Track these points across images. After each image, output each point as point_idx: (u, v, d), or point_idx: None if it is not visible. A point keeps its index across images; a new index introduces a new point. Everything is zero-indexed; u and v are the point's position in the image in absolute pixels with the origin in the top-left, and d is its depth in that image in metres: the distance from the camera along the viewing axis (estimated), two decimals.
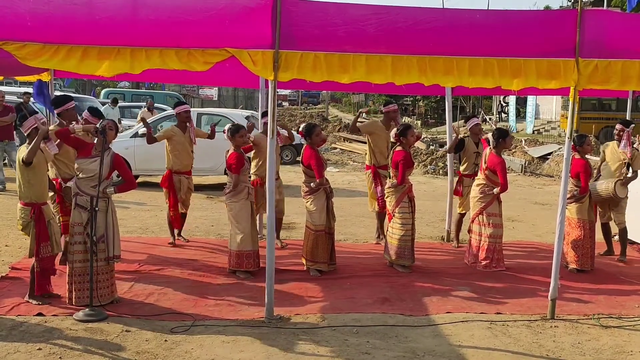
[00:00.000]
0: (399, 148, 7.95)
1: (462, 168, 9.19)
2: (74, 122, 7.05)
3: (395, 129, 8.18)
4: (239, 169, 7.45)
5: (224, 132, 7.75)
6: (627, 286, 7.50)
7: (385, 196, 8.15)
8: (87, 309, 5.89)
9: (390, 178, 8.07)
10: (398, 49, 5.82)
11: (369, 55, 5.80)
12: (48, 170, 6.58)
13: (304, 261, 7.72)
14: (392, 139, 8.29)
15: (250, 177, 8.19)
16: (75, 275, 6.20)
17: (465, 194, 8.98)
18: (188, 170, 8.89)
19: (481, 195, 8.05)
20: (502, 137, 8.01)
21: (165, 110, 19.44)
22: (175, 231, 9.04)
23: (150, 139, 8.63)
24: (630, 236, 8.97)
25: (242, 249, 7.43)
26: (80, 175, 6.25)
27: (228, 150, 7.65)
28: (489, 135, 8.23)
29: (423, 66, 5.86)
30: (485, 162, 8.04)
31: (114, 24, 5.83)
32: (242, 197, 7.51)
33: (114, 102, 22.14)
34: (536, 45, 5.86)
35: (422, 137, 24.64)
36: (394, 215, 7.92)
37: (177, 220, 8.74)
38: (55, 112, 7.47)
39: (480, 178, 8.17)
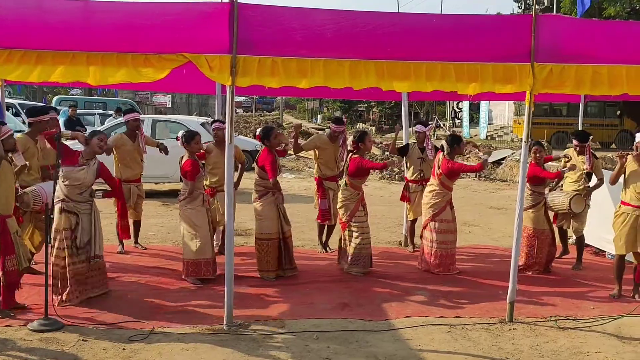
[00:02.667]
0: (355, 155, 7.96)
1: (408, 174, 9.30)
2: (63, 129, 6.95)
3: (352, 137, 8.19)
4: (194, 176, 7.34)
5: (177, 139, 7.65)
6: (583, 288, 7.64)
7: (339, 206, 8.13)
8: (41, 319, 5.72)
9: (345, 186, 8.06)
10: (356, 54, 5.82)
11: (327, 60, 5.78)
12: (16, 182, 6.33)
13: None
14: (349, 147, 8.29)
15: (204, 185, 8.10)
16: (68, 278, 6.36)
17: (413, 199, 9.07)
18: (137, 178, 8.74)
19: (433, 202, 8.11)
20: (456, 143, 8.10)
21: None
22: (132, 239, 8.86)
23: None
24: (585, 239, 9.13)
25: (199, 257, 7.34)
26: (67, 183, 6.35)
27: (182, 157, 7.53)
28: (443, 142, 8.28)
29: (381, 71, 5.86)
30: (438, 168, 8.11)
31: (68, 29, 5.70)
32: (197, 203, 7.42)
33: (118, 111, 21.53)
34: (492, 50, 5.93)
35: (378, 143, 24.84)
36: (349, 225, 7.94)
37: (125, 230, 8.44)
38: (27, 120, 7.30)
39: (432, 184, 8.22)
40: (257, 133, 8.03)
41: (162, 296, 6.85)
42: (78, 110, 25.78)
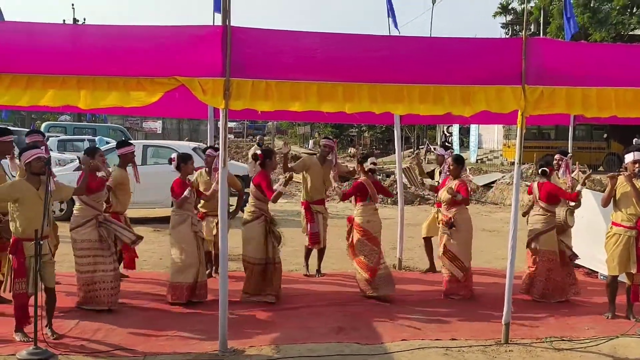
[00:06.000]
0: (362, 178, 8.07)
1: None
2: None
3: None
4: (179, 196, 7.42)
5: (170, 160, 7.67)
6: (577, 309, 7.64)
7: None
8: (30, 348, 5.62)
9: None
10: (349, 77, 5.86)
11: (321, 83, 5.82)
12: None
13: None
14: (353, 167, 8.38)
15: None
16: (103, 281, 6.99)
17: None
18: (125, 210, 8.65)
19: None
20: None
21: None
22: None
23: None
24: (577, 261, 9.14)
25: (181, 280, 7.39)
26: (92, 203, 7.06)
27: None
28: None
29: (374, 94, 5.91)
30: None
31: (58, 52, 5.71)
32: (185, 227, 7.46)
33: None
34: (484, 73, 5.99)
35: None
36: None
37: (131, 259, 8.38)
38: None
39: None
40: (259, 152, 8.00)
41: (154, 322, 6.78)
42: (67, 136, 25.78)
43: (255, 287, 7.60)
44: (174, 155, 7.70)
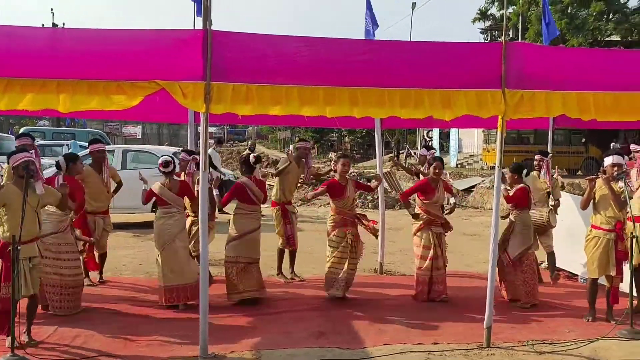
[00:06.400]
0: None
1: None
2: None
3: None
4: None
5: (159, 166, 7.68)
6: (557, 311, 7.68)
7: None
8: (7, 355, 5.53)
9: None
10: (330, 81, 5.85)
11: (301, 87, 5.81)
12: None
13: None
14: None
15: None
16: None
17: None
18: (103, 210, 8.56)
19: (412, 223, 8.28)
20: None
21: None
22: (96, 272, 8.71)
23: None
24: (557, 263, 9.21)
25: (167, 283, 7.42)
26: None
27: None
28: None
29: (355, 98, 5.90)
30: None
31: (37, 56, 5.64)
32: None
33: (219, 142, 21.18)
34: (464, 77, 6.02)
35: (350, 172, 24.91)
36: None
37: (91, 262, 8.30)
38: None
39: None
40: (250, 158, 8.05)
41: (133, 328, 6.70)
42: (46, 142, 25.52)
43: (242, 286, 7.66)
44: (162, 159, 7.66)
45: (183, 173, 8.58)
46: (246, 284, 7.63)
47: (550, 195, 9.10)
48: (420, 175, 9.75)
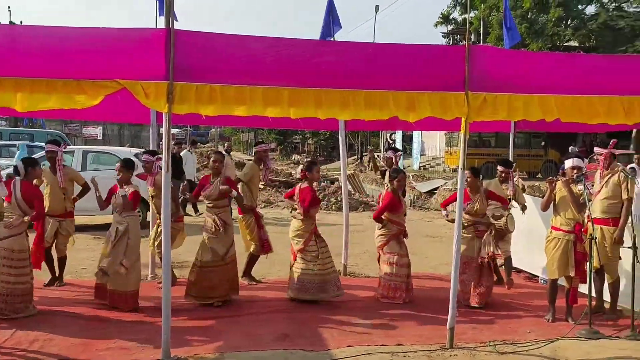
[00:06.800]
0: (304, 185, 8.05)
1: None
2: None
3: (301, 166, 8.37)
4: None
5: (117, 168, 7.56)
6: (518, 312, 7.79)
7: (292, 235, 8.08)
8: None
9: (293, 212, 8.07)
10: (295, 82, 5.83)
11: (266, 87, 5.77)
12: None
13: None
14: (298, 176, 8.35)
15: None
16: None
17: None
18: (61, 213, 8.41)
19: (379, 233, 8.25)
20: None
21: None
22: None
23: None
24: (517, 265, 9.33)
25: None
26: None
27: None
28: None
29: (319, 99, 5.88)
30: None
31: None
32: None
33: (193, 143, 20.87)
34: (429, 79, 6.05)
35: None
36: (301, 253, 7.94)
37: (34, 257, 8.13)
38: None
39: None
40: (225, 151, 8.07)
41: (93, 332, 6.58)
42: (2, 142, 24.93)
43: (199, 291, 7.64)
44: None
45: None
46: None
47: (513, 202, 9.13)
48: (386, 177, 9.74)
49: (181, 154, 16.02)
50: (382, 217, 8.21)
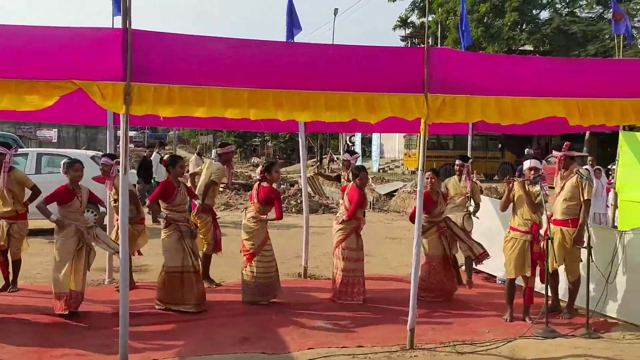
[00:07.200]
0: (265, 184, 7.99)
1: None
2: None
3: (260, 167, 8.34)
4: (63, 202, 7.16)
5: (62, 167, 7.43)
6: (477, 312, 7.87)
7: (247, 237, 8.02)
8: None
9: (252, 214, 7.99)
10: (255, 83, 5.79)
11: (225, 88, 5.72)
12: None
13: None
14: (257, 176, 8.29)
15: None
16: None
17: None
18: (10, 216, 8.21)
19: (339, 228, 8.19)
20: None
21: None
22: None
23: None
24: (477, 266, 9.43)
25: (60, 290, 7.10)
26: None
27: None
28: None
29: (279, 100, 5.86)
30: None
31: None
32: (68, 234, 7.23)
33: (162, 145, 20.32)
34: (388, 81, 6.07)
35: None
36: (255, 255, 7.90)
37: None
38: None
39: (340, 212, 8.42)
40: (164, 158, 7.91)
41: (49, 338, 6.42)
42: None
43: (172, 296, 7.50)
44: (63, 161, 7.41)
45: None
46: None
47: (471, 200, 9.31)
48: (342, 179, 9.79)
49: (151, 157, 15.88)
50: (346, 208, 8.20)
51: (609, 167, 15.40)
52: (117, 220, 8.00)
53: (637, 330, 7.04)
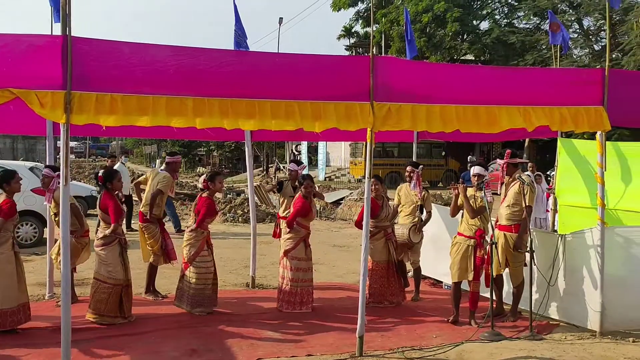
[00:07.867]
0: (205, 194, 7.89)
1: (280, 210, 9.36)
2: None
3: (204, 176, 8.23)
4: (8, 216, 6.84)
5: None
6: (424, 318, 7.92)
7: (184, 245, 7.91)
8: None
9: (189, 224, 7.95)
10: (199, 91, 5.72)
11: (170, 97, 5.63)
12: None
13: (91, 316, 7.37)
14: (200, 185, 8.19)
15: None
16: None
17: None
18: None
19: (287, 237, 8.16)
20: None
21: None
22: None
23: None
24: (423, 272, 9.53)
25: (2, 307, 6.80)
26: None
27: None
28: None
29: (225, 109, 5.80)
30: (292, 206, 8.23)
31: None
32: (5, 248, 6.88)
33: (125, 153, 19.39)
34: (334, 89, 6.09)
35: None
36: (191, 264, 7.82)
37: None
38: None
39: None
40: (100, 174, 7.69)
41: None
42: None
43: (113, 309, 7.34)
44: None
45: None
46: None
47: (422, 208, 9.30)
48: (285, 188, 9.69)
49: (115, 167, 15.46)
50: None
51: (549, 173, 15.85)
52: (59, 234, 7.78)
53: (577, 331, 7.24)
